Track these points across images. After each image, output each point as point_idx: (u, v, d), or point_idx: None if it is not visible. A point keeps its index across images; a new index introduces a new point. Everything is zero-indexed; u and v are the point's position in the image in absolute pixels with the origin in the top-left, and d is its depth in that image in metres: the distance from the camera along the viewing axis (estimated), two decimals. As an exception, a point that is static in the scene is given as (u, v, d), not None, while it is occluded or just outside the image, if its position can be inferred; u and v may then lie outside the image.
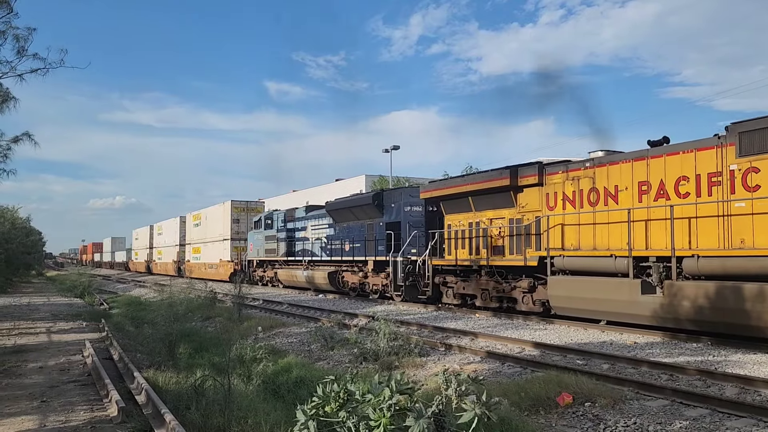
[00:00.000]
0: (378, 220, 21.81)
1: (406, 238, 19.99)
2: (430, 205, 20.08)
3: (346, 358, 11.10)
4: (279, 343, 13.43)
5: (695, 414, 6.68)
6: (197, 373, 8.85)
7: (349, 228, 23.84)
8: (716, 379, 8.17)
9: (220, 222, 39.66)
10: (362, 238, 22.62)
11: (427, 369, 9.90)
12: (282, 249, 29.51)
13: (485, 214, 16.99)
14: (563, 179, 14.56)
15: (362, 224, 22.91)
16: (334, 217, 25.05)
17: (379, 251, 21.43)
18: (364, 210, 22.59)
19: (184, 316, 13.53)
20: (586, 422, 6.67)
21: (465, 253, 17.39)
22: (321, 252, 26.11)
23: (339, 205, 24.92)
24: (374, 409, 3.07)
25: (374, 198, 22.09)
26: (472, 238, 17.37)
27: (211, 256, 40.88)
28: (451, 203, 18.23)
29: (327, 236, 25.74)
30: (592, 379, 7.96)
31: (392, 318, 14.52)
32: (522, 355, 10.52)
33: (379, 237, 21.44)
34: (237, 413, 6.41)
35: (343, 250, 24.00)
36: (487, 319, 15.68)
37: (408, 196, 21.04)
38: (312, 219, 27.58)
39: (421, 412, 3.07)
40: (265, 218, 31.69)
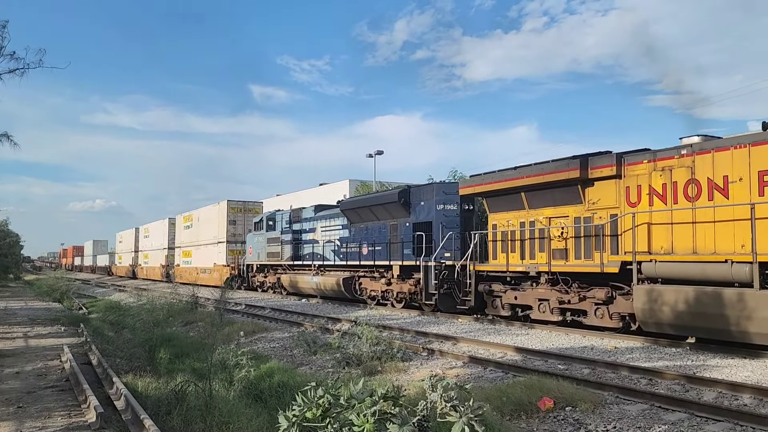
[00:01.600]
0: (404, 220, 19.75)
1: (438, 240, 17.87)
2: (466, 202, 18.31)
3: (328, 363, 11.07)
4: (261, 348, 13.35)
5: (674, 418, 6.75)
6: (178, 378, 8.76)
7: (368, 229, 21.69)
8: (695, 383, 8.28)
9: (214, 223, 37.26)
10: (384, 241, 20.53)
11: (410, 374, 9.90)
12: (287, 252, 27.17)
13: (542, 212, 14.72)
14: (649, 170, 12.29)
15: (384, 225, 20.80)
16: (349, 217, 22.85)
17: (405, 255, 19.34)
18: (387, 209, 20.39)
19: (165, 321, 13.39)
20: (567, 426, 6.72)
21: (516, 258, 15.31)
22: (333, 256, 23.95)
23: (356, 203, 22.72)
24: (358, 415, 3.06)
25: (400, 195, 19.75)
26: (524, 240, 15.20)
27: (203, 260, 38.42)
28: (498, 200, 15.97)
29: (340, 238, 23.56)
30: (573, 383, 8.04)
31: (375, 322, 14.51)
32: (504, 359, 10.58)
33: (405, 239, 19.43)
34: (218, 419, 6.36)
35: (360, 253, 21.90)
36: (469, 324, 15.74)
37: (441, 192, 18.47)
38: (322, 219, 25.32)
39: (405, 419, 3.07)
40: (267, 219, 29.29)
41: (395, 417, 3.11)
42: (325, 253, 24.50)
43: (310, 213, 26.46)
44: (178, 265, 43.78)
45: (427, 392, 3.41)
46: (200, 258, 39.05)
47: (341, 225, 23.64)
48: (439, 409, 3.29)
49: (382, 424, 3.08)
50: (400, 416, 3.12)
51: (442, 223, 18.14)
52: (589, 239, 13.62)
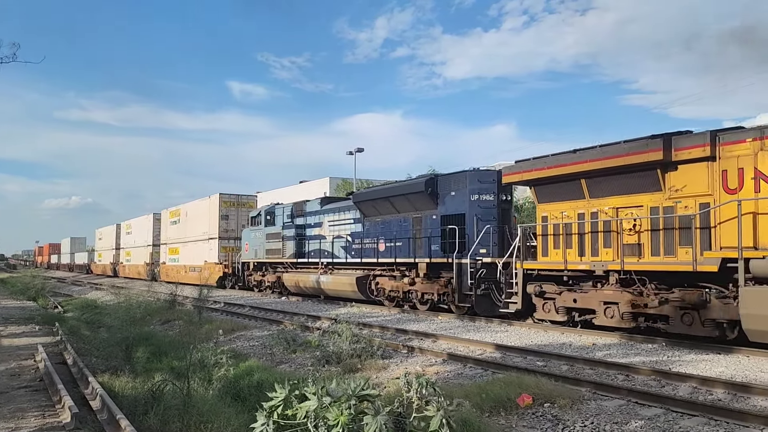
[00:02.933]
0: (430, 213, 17.75)
1: (473, 234, 16.01)
2: (504, 192, 16.54)
3: (308, 362, 11.04)
4: (240, 346, 13.26)
5: (650, 413, 6.84)
6: (156, 377, 8.68)
7: (386, 223, 19.65)
8: (670, 378, 8.39)
9: (205, 218, 34.99)
10: (406, 236, 18.50)
11: (390, 371, 9.91)
12: (289, 249, 25.04)
13: (607, 201, 12.76)
14: (755, 149, 10.38)
15: (405, 218, 18.81)
16: (363, 210, 20.80)
17: (432, 251, 17.42)
18: (411, 200, 18.38)
19: (143, 320, 13.25)
20: (545, 423, 6.77)
21: (573, 254, 13.30)
22: (344, 253, 21.81)
23: (372, 194, 20.59)
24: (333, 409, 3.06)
25: (427, 184, 17.61)
26: (584, 234, 13.24)
27: (193, 257, 36.07)
28: (551, 188, 13.98)
29: (352, 234, 21.43)
30: (552, 380, 8.10)
31: (354, 320, 14.50)
32: (483, 356, 10.63)
33: (432, 233, 17.47)
34: (197, 418, 6.30)
35: (376, 250, 19.82)
36: (449, 321, 15.79)
37: (476, 181, 16.47)
38: (330, 213, 23.18)
39: (379, 410, 3.08)
40: (266, 213, 27.07)
41: (370, 410, 3.11)
42: (334, 250, 22.42)
43: (316, 206, 24.38)
44: (164, 263, 41.84)
45: (403, 389, 3.42)
46: (189, 255, 37.01)
47: (353, 219, 21.57)
48: (415, 405, 3.29)
49: (357, 419, 3.08)
50: (375, 408, 3.12)
51: (477, 215, 16.23)
52: (671, 233, 11.69)
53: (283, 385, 3.41)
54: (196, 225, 36.44)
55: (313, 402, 3.09)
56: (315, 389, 3.18)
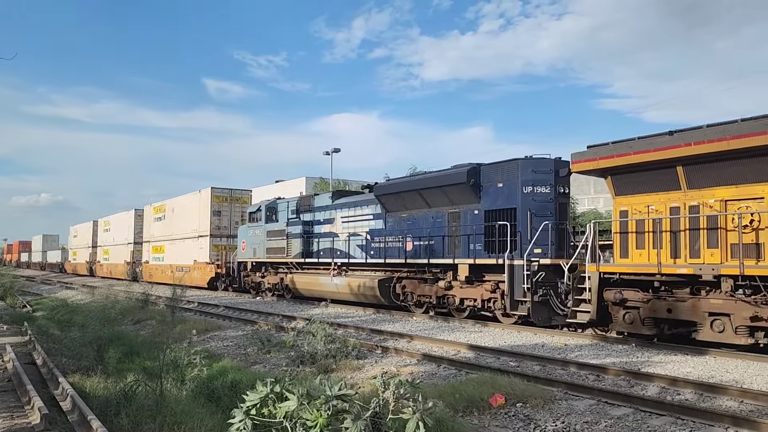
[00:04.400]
0: (471, 207, 15.72)
1: (526, 231, 14.12)
2: (561, 184, 14.61)
3: (282, 362, 11.01)
4: (214, 346, 13.17)
5: (619, 413, 6.98)
6: (128, 377, 8.58)
7: (414, 219, 17.57)
8: (640, 379, 8.57)
9: (194, 214, 32.41)
10: (440, 233, 16.50)
11: (365, 372, 9.94)
12: (295, 248, 22.71)
13: (713, 192, 10.86)
14: None
15: (439, 213, 16.75)
16: (385, 204, 18.62)
17: (472, 251, 15.46)
18: (447, 193, 16.32)
19: (115, 319, 13.07)
20: (517, 422, 6.87)
21: (664, 255, 11.31)
22: (361, 252, 19.58)
23: (398, 187, 18.24)
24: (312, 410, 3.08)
25: (470, 175, 15.51)
26: (679, 232, 11.33)
27: (181, 256, 33.47)
28: (634, 178, 12.07)
29: (371, 231, 19.24)
30: (524, 380, 8.22)
31: (330, 320, 14.49)
32: (457, 357, 10.72)
33: (476, 230, 15.46)
34: (170, 419, 6.26)
35: (402, 249, 17.75)
36: (424, 322, 15.87)
37: (529, 171, 14.49)
38: (343, 208, 21.00)
39: (358, 414, 3.10)
40: (267, 208, 24.86)
41: (349, 412, 3.13)
42: (349, 249, 20.12)
43: (326, 200, 22.23)
44: (146, 262, 39.36)
45: (379, 390, 3.45)
46: (176, 254, 34.50)
47: (372, 214, 19.39)
48: (391, 406, 3.33)
49: (335, 420, 3.10)
50: (354, 412, 3.15)
51: (531, 210, 14.27)
52: None
53: (264, 384, 3.42)
54: (184, 221, 33.94)
55: (293, 402, 3.11)
56: (297, 390, 3.20)
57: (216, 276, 29.25)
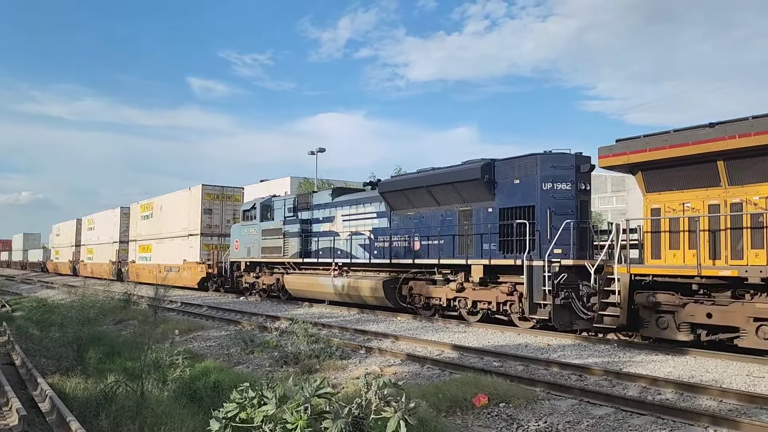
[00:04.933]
0: (485, 205, 14.88)
1: (546, 230, 13.40)
2: (582, 181, 13.76)
3: (266, 362, 10.96)
4: (197, 346, 13.08)
5: (601, 413, 7.03)
6: (108, 378, 8.49)
7: (422, 217, 16.78)
8: (621, 378, 8.64)
9: (184, 212, 31.42)
10: (450, 232, 15.70)
11: (348, 372, 9.92)
12: (292, 247, 21.84)
13: (757, 189, 10.20)
14: None
15: (449, 211, 15.89)
16: (390, 202, 17.82)
17: (486, 251, 14.62)
18: (459, 189, 15.45)
19: (96, 319, 12.92)
20: (500, 422, 6.89)
21: (704, 256, 10.58)
22: (363, 252, 18.81)
23: (405, 184, 17.43)
24: (291, 413, 3.05)
25: (484, 170, 14.63)
26: (720, 231, 10.63)
27: (169, 255, 32.46)
28: (668, 174, 11.38)
29: (374, 230, 18.45)
30: (507, 380, 8.25)
31: (314, 321, 14.46)
32: (441, 357, 10.74)
33: (490, 229, 14.62)
34: (150, 420, 6.20)
35: (409, 249, 17.04)
36: (408, 322, 15.87)
37: (548, 167, 13.67)
38: (344, 206, 20.14)
39: (338, 414, 3.09)
40: (262, 206, 24.02)
41: (329, 413, 3.12)
42: (351, 249, 19.32)
43: (325, 198, 21.38)
44: (133, 261, 38.14)
45: (362, 390, 3.44)
46: (164, 253, 33.40)
47: (376, 213, 18.59)
48: (374, 406, 3.32)
49: (316, 421, 3.08)
50: (334, 412, 3.13)
51: (551, 207, 13.49)
52: None
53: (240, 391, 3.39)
54: (173, 220, 32.82)
55: (271, 406, 3.08)
56: (273, 393, 3.17)
57: (207, 276, 28.32)
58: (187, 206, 31.30)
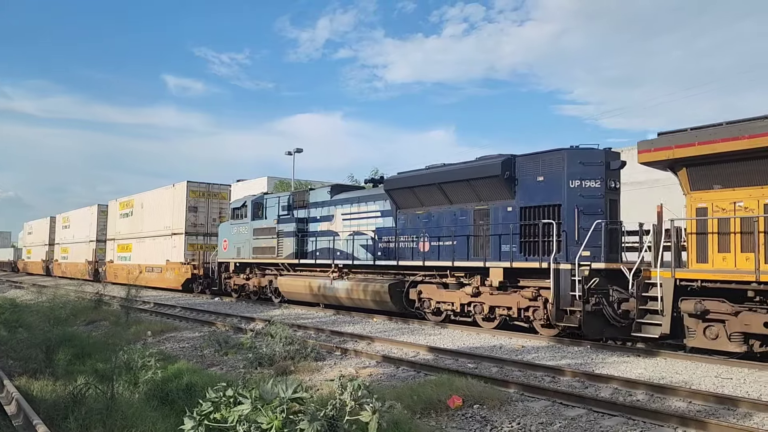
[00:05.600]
0: (504, 203, 13.92)
1: (573, 231, 12.54)
2: (612, 178, 12.92)
3: (240, 364, 10.86)
4: (170, 348, 12.91)
5: (573, 414, 7.10)
6: (78, 380, 8.33)
7: (431, 217, 15.81)
8: (593, 380, 8.74)
9: (167, 210, 30.10)
10: (464, 232, 14.74)
11: (323, 373, 9.88)
12: (287, 248, 20.69)
13: None
14: None
15: (463, 210, 14.93)
16: (397, 200, 16.81)
17: (505, 253, 13.62)
18: (476, 187, 14.43)
19: (66, 320, 12.68)
20: (474, 424, 6.92)
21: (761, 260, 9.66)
22: (365, 253, 17.82)
23: (414, 181, 16.23)
24: (266, 413, 3.03)
25: (505, 167, 13.66)
26: None
27: (151, 255, 31.25)
28: (717, 170, 10.54)
29: (379, 229, 17.44)
30: (482, 381, 8.29)
31: (289, 322, 14.38)
32: (416, 359, 10.76)
33: (511, 230, 13.60)
34: (120, 422, 6.09)
35: (416, 250, 16.04)
36: (384, 324, 15.88)
37: (576, 163, 12.78)
38: (344, 205, 19.03)
39: (314, 415, 3.07)
40: (254, 204, 22.86)
41: (304, 414, 3.10)
42: (353, 250, 18.25)
43: (324, 196, 20.11)
44: (111, 261, 36.64)
45: (337, 392, 3.43)
46: (145, 253, 32.08)
47: (380, 211, 17.57)
48: (348, 408, 3.31)
49: (291, 423, 3.06)
50: (310, 413, 3.11)
51: (579, 206, 12.64)
52: None
53: (216, 389, 3.36)
54: (155, 218, 31.51)
55: (246, 406, 3.05)
56: (250, 393, 3.15)
57: (192, 277, 26.98)
58: (170, 204, 30.08)
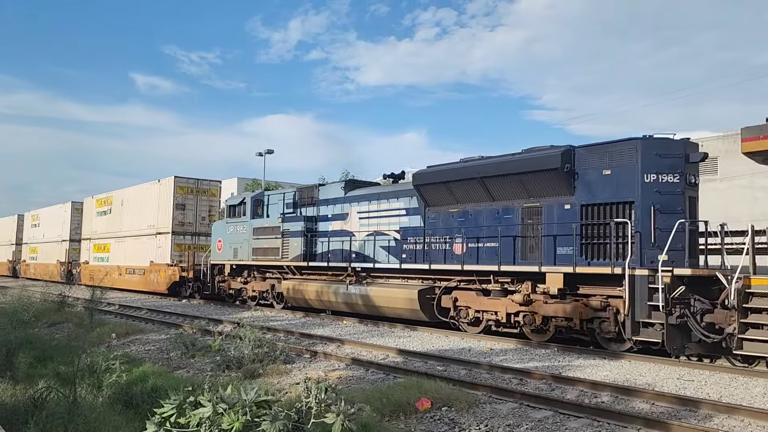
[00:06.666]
0: (561, 200, 12.36)
1: (650, 232, 11.09)
2: (692, 173, 11.45)
3: (207, 366, 10.72)
4: (135, 350, 12.70)
5: (540, 416, 7.18)
6: (39, 384, 8.13)
7: (468, 215, 14.17)
8: (560, 382, 8.86)
9: (152, 208, 28.13)
10: (509, 233, 13.11)
11: (292, 376, 9.82)
12: (293, 249, 18.89)
13: None
14: None
15: (507, 208, 13.32)
16: (426, 196, 15.12)
17: (566, 257, 12.05)
18: (526, 181, 12.84)
19: (27, 322, 12.36)
20: (442, 426, 6.94)
21: None
22: (387, 255, 16.20)
23: (450, 175, 14.48)
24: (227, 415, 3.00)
25: (565, 158, 12.13)
26: None
27: (132, 256, 29.08)
28: None
29: (403, 229, 15.78)
30: (450, 384, 8.33)
31: (259, 324, 14.25)
32: (386, 361, 10.76)
33: (568, 230, 12.10)
34: (82, 427, 5.96)
35: (450, 252, 14.41)
36: (354, 326, 15.85)
37: (652, 154, 11.22)
38: (361, 202, 17.32)
39: (276, 416, 3.05)
40: (254, 201, 21.08)
41: (267, 415, 3.07)
42: (372, 252, 16.54)
43: (336, 192, 18.33)
44: (86, 262, 34.34)
45: (302, 395, 3.41)
46: (126, 254, 29.90)
47: (405, 209, 15.95)
48: (314, 411, 3.29)
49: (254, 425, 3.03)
50: (272, 413, 3.09)
51: (655, 204, 11.13)
52: None
53: (177, 391, 3.31)
54: (138, 216, 29.36)
55: (207, 409, 3.02)
56: (210, 396, 3.11)
57: (180, 280, 24.99)
58: (155, 201, 28.04)
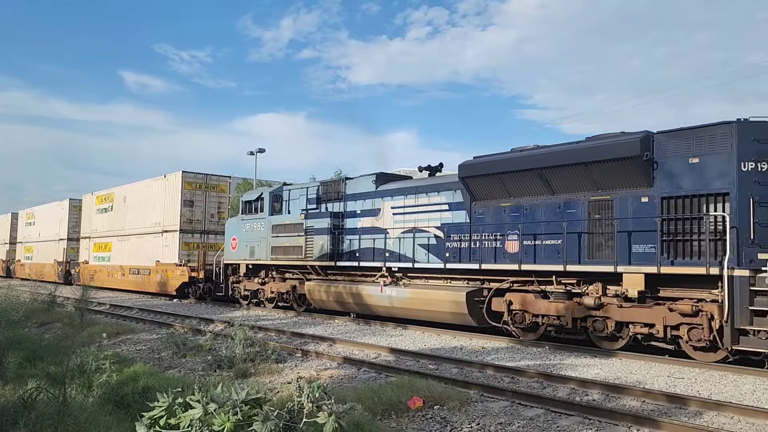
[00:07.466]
0: (637, 192, 11.14)
1: (749, 227, 9.91)
2: None
3: (199, 366, 10.70)
4: (126, 350, 12.64)
5: (532, 414, 7.21)
6: (29, 384, 8.07)
7: (523, 210, 12.96)
8: (551, 380, 8.90)
9: (158, 204, 26.68)
10: (573, 229, 11.89)
11: (284, 376, 9.81)
12: (318, 247, 17.53)
13: None
14: None
15: (570, 201, 12.13)
16: (473, 189, 13.83)
17: (645, 255, 10.83)
18: (593, 172, 11.67)
19: (17, 322, 12.28)
20: (434, 425, 6.96)
21: None
22: (427, 254, 14.88)
23: (504, 165, 13.24)
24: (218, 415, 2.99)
25: (644, 145, 10.93)
26: None
27: (137, 256, 27.71)
28: None
29: (446, 226, 14.44)
30: (442, 383, 8.34)
31: (250, 323, 14.21)
32: (378, 360, 10.77)
33: (648, 225, 10.85)
34: (72, 427, 5.93)
35: (502, 250, 13.15)
36: (346, 325, 15.85)
37: (749, 139, 10.04)
38: (395, 196, 16.00)
39: (267, 416, 3.04)
40: (273, 196, 19.71)
41: (258, 415, 3.07)
42: (410, 251, 15.20)
43: (367, 186, 16.97)
44: (85, 261, 33.05)
45: (294, 394, 3.40)
46: (129, 253, 28.53)
47: (447, 204, 14.60)
48: (306, 410, 3.29)
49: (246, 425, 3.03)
50: (263, 413, 3.08)
51: (754, 196, 9.92)
52: None
53: (167, 393, 3.29)
54: (142, 213, 27.98)
55: (197, 410, 3.01)
56: (199, 397, 3.10)
57: (190, 281, 23.66)
58: (161, 197, 26.60)
